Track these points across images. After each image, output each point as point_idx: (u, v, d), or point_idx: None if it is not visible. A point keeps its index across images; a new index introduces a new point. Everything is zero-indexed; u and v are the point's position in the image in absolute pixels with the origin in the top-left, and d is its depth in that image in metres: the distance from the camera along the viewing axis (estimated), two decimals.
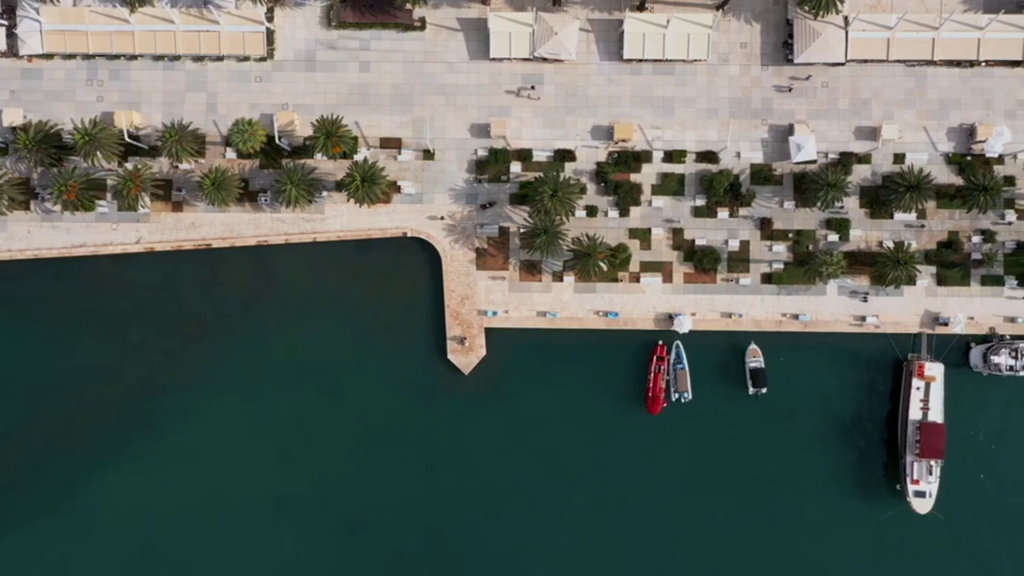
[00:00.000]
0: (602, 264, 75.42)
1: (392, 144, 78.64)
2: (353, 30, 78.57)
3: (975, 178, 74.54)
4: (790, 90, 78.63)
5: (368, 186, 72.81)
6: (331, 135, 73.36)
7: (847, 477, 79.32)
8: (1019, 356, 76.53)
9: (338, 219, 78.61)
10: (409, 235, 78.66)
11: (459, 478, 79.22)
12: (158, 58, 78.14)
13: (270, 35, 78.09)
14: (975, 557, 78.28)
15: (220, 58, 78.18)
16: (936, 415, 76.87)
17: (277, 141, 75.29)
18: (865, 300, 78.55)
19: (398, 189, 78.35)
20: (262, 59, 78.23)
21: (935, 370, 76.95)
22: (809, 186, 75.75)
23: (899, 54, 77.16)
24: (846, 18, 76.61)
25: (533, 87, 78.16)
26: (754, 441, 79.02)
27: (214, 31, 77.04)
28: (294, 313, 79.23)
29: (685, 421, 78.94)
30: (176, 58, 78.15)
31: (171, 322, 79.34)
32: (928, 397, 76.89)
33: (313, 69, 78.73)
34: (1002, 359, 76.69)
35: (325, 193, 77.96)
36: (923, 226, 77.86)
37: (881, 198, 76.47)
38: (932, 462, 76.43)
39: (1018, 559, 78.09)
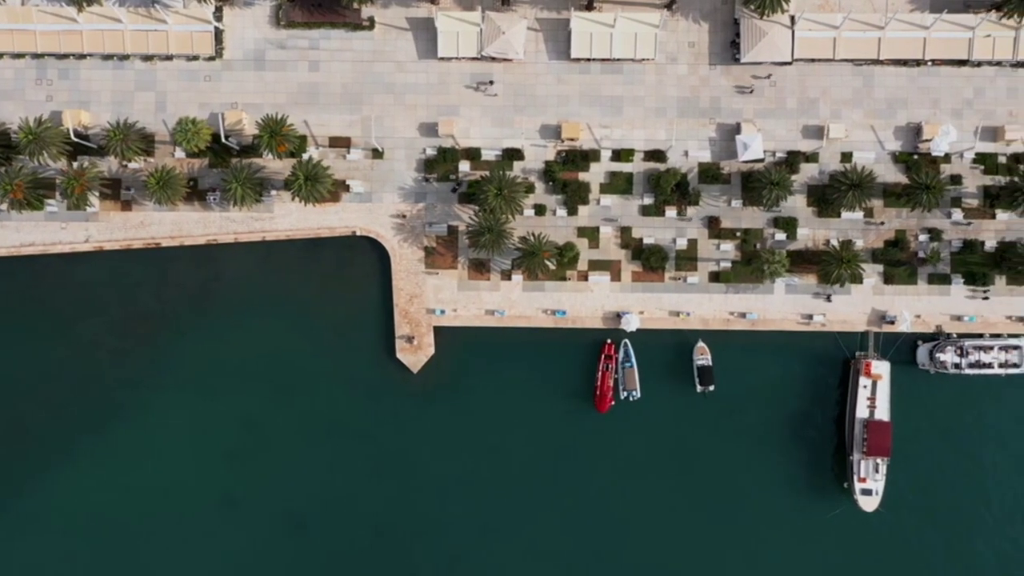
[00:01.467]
0: (548, 263, 75.62)
1: (341, 143, 78.80)
2: (302, 29, 78.70)
3: (919, 177, 74.75)
4: (751, 91, 78.82)
5: (312, 185, 72.93)
6: (276, 134, 73.47)
7: (795, 475, 79.59)
8: (965, 354, 76.81)
9: (287, 218, 78.74)
10: (358, 234, 78.81)
11: (408, 476, 79.42)
12: (107, 57, 78.22)
13: (219, 34, 78.20)
14: (921, 554, 78.59)
15: (169, 57, 78.27)
16: (883, 413, 77.13)
17: (224, 140, 75.35)
18: (829, 300, 78.76)
19: (347, 188, 78.53)
20: (211, 58, 78.31)
21: (881, 368, 77.21)
22: (755, 185, 75.96)
23: (846, 53, 77.38)
24: (792, 17, 76.81)
25: (492, 82, 78.28)
26: (702, 439, 79.26)
27: (162, 30, 77.10)
28: (243, 312, 79.44)
29: (633, 419, 79.14)
30: (125, 57, 78.23)
31: (120, 321, 79.50)
32: (875, 395, 77.14)
33: (262, 68, 78.86)
34: (948, 357, 76.96)
35: (274, 192, 78.08)
36: (882, 223, 78.07)
37: (827, 197, 76.67)
38: (878, 460, 76.69)
39: (963, 555, 78.38)
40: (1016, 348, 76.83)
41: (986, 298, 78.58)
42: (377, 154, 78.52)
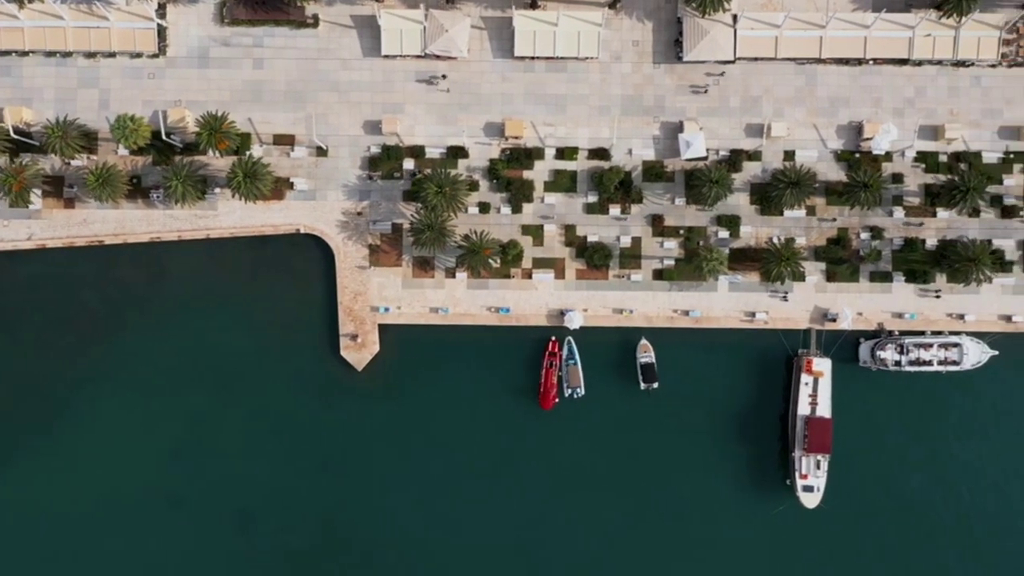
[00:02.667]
0: (491, 260, 75.79)
1: (285, 141, 78.72)
2: (246, 27, 78.58)
3: (857, 175, 75.18)
4: (706, 90, 79.08)
5: (251, 182, 72.87)
6: (216, 131, 73.36)
7: (740, 472, 79.91)
8: (905, 352, 77.31)
9: (231, 216, 78.63)
10: (302, 232, 78.77)
11: (353, 474, 79.43)
12: (50, 54, 77.95)
13: (162, 31, 78.01)
14: (862, 550, 79.02)
15: (112, 54, 78.04)
16: (824, 410, 77.51)
17: (164, 137, 75.18)
18: (785, 299, 79.13)
19: (291, 186, 78.48)
20: (155, 56, 78.15)
21: (823, 365, 77.63)
22: (696, 183, 76.26)
23: (788, 52, 77.75)
24: (735, 16, 77.16)
25: (444, 76, 78.22)
26: (647, 436, 79.52)
27: (104, 27, 76.93)
28: (188, 310, 79.25)
29: (577, 416, 79.36)
30: (68, 54, 77.97)
31: (64, 319, 79.18)
32: (816, 392, 77.52)
33: (206, 66, 78.72)
34: (888, 354, 77.43)
35: (218, 190, 77.92)
36: (835, 219, 78.36)
37: (768, 195, 77.02)
38: (819, 457, 77.11)
39: (903, 551, 78.88)
40: (956, 346, 77.31)
41: (938, 297, 79.05)
42: (321, 152, 78.49)
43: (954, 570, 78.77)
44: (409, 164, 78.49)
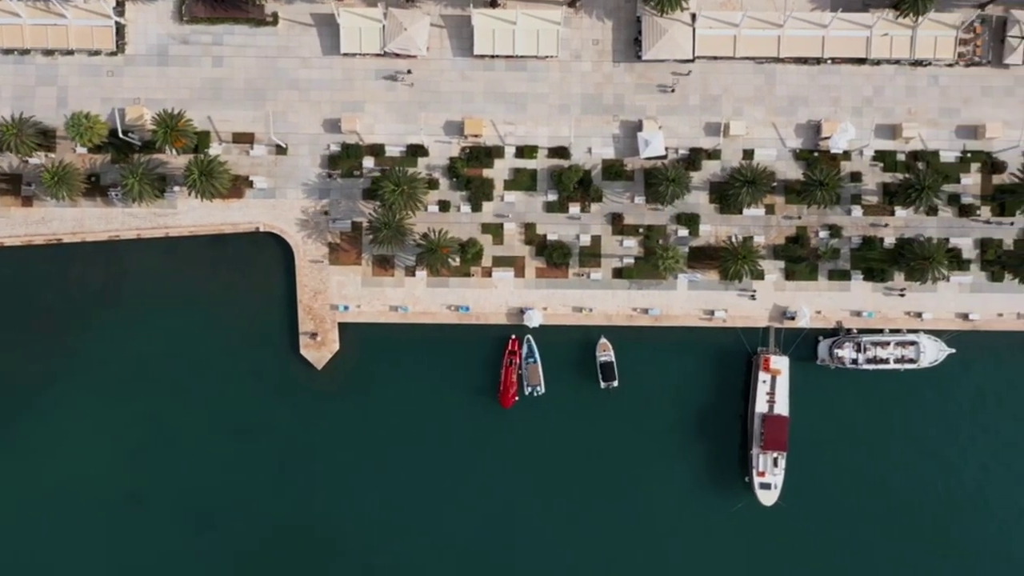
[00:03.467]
0: (449, 258, 75.88)
1: (245, 139, 78.55)
2: (205, 25, 78.39)
3: (814, 174, 75.48)
4: (673, 89, 79.22)
5: (206, 180, 72.75)
6: (171, 129, 73.20)
7: (699, 470, 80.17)
8: (862, 349, 77.69)
9: (190, 214, 78.46)
10: (262, 230, 78.67)
11: (313, 472, 79.38)
12: (7, 52, 77.63)
13: (121, 29, 77.77)
14: (819, 547, 79.43)
15: (70, 52, 77.80)
16: (782, 408, 77.86)
17: (121, 135, 74.95)
18: (753, 298, 79.40)
19: (251, 184, 78.36)
20: (113, 53, 77.91)
21: (780, 363, 77.96)
22: (654, 181, 76.42)
23: (746, 51, 77.97)
24: (693, 15, 77.33)
25: (409, 71, 78.13)
26: (606, 434, 79.68)
27: (62, 25, 76.66)
28: (147, 308, 79.00)
29: (537, 415, 79.50)
30: (25, 52, 77.67)
31: (22, 318, 78.87)
32: (774, 390, 77.85)
33: (165, 64, 78.50)
34: (846, 353, 77.78)
35: (177, 188, 77.74)
36: (799, 217, 78.63)
37: (726, 193, 77.27)
38: (776, 454, 77.45)
39: (859, 548, 79.29)
40: (913, 344, 77.74)
41: (902, 295, 79.41)
42: (281, 150, 78.38)
43: (910, 567, 79.20)
44: (369, 162, 78.49)
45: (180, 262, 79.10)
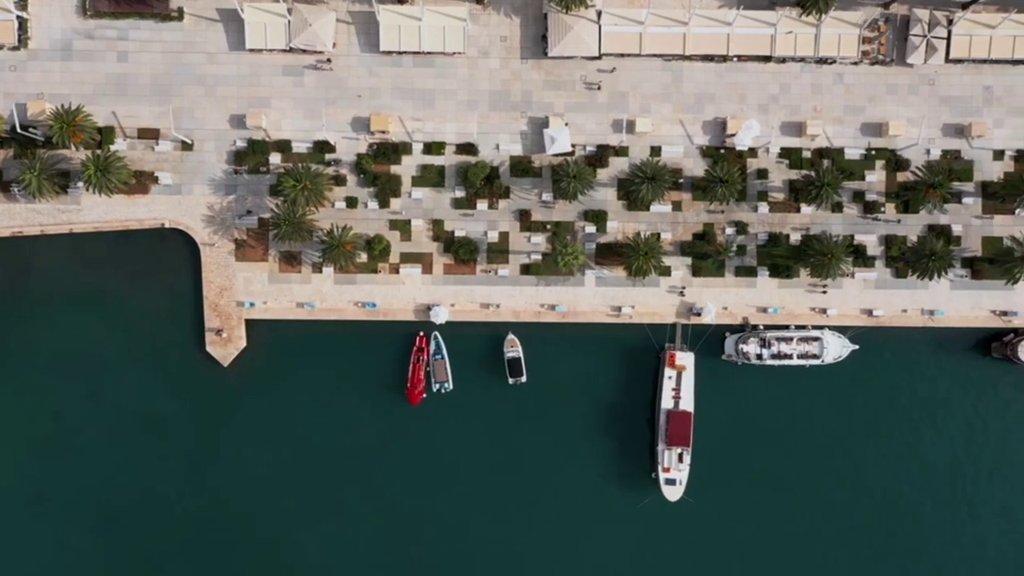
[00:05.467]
0: (354, 255, 75.80)
1: (150, 135, 78.02)
2: (110, 20, 77.70)
3: (714, 171, 75.88)
4: (599, 87, 79.30)
5: (103, 176, 72.25)
6: (69, 124, 72.64)
7: (608, 466, 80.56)
8: (767, 345, 78.22)
9: (94, 210, 77.92)
10: (167, 226, 78.24)
11: (220, 471, 79.21)
12: None
13: (24, 23, 77.01)
14: (724, 541, 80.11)
15: None
16: (687, 404, 78.34)
17: (20, 131, 74.26)
18: (682, 295, 79.68)
19: (156, 180, 77.93)
20: (15, 48, 77.20)
21: (686, 360, 78.40)
22: (558, 178, 76.58)
23: (652, 48, 78.14)
24: (599, 12, 77.49)
25: (329, 60, 77.78)
26: (515, 430, 79.94)
27: None
28: (51, 305, 78.59)
29: (445, 411, 79.62)
30: None
31: None
32: (679, 386, 78.36)
33: (70, 59, 77.78)
34: (751, 348, 78.33)
35: (80, 184, 77.12)
36: (720, 211, 78.74)
37: (630, 190, 77.61)
38: (681, 450, 77.86)
39: (764, 542, 80.00)
40: (816, 339, 78.34)
41: (824, 292, 79.93)
42: (187, 146, 77.96)
43: (813, 561, 79.92)
44: (276, 158, 78.19)
45: (85, 259, 78.68)
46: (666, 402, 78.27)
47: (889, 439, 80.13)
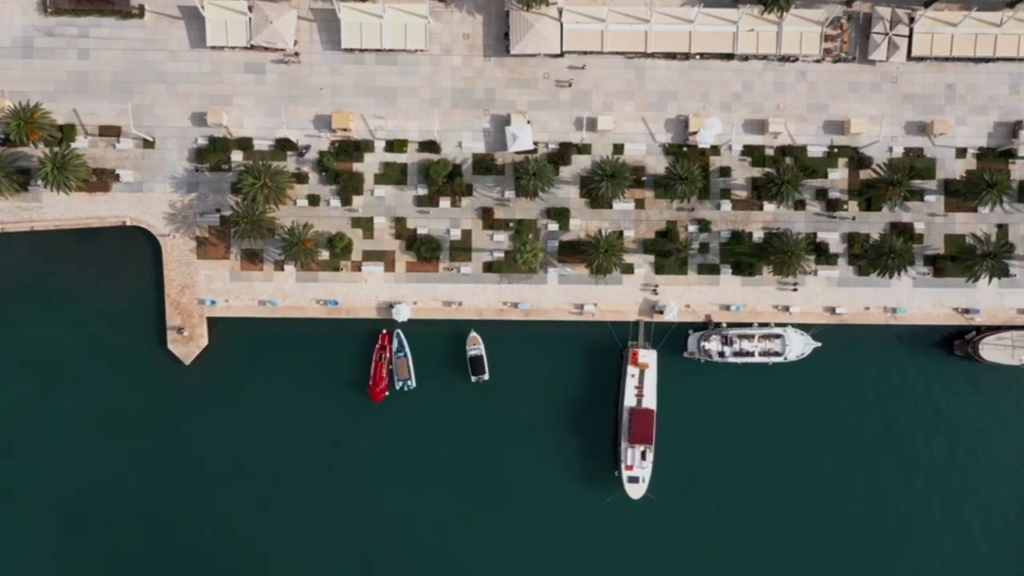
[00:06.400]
0: (315, 252, 75.70)
1: (112, 132, 77.83)
2: (71, 17, 77.44)
3: (675, 168, 75.88)
4: (569, 84, 79.22)
5: (60, 173, 72.03)
6: (26, 121, 72.44)
7: (571, 464, 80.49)
8: (729, 343, 78.21)
9: (56, 208, 77.65)
10: (129, 224, 78.03)
11: (182, 469, 78.99)
12: None
13: None
14: (687, 539, 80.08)
15: None
16: (650, 402, 78.29)
17: None
18: (655, 293, 79.65)
19: (117, 178, 77.73)
20: None
21: (648, 357, 78.38)
22: (518, 176, 76.52)
23: (614, 46, 78.03)
24: (560, 10, 77.41)
25: (296, 53, 77.60)
26: (478, 428, 79.83)
27: None
28: (13, 303, 78.30)
29: (408, 409, 79.52)
30: None
31: None
32: (642, 384, 78.29)
33: (30, 56, 77.45)
34: (713, 346, 78.31)
35: (40, 182, 76.85)
36: (693, 209, 78.76)
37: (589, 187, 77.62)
38: (643, 447, 77.82)
39: (727, 539, 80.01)
40: (778, 337, 78.33)
41: (795, 290, 79.96)
42: (148, 144, 77.77)
43: (775, 558, 79.94)
44: (238, 156, 78.05)
45: (47, 256, 78.47)
46: (629, 400, 78.22)
47: (851, 436, 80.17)
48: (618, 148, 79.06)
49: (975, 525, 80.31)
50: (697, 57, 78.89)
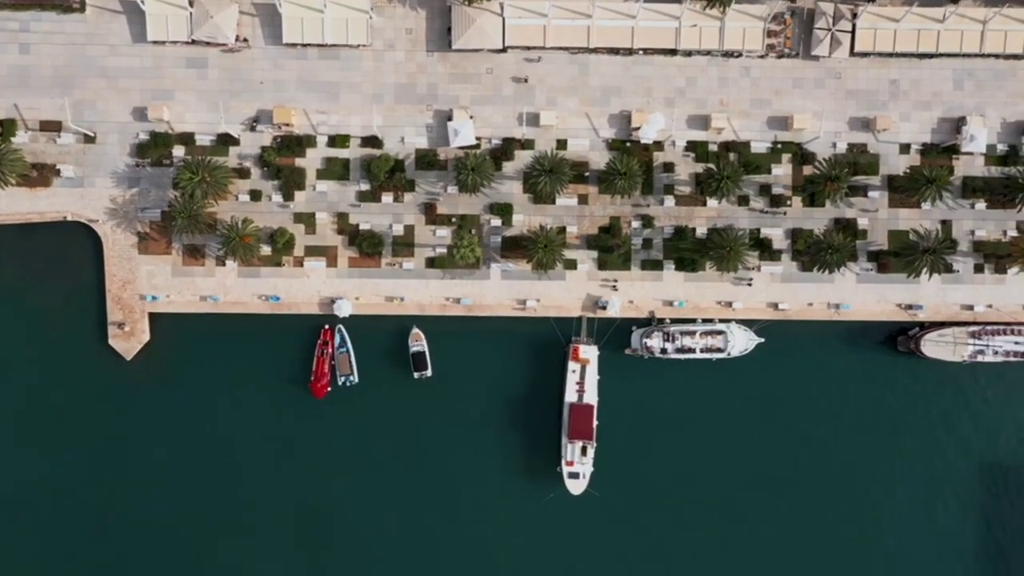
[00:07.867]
0: (253, 247, 75.54)
1: (52, 127, 77.56)
2: (11, 11, 77.09)
3: (614, 164, 75.74)
4: (526, 80, 79.04)
5: None
6: None
7: (514, 460, 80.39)
8: (671, 339, 78.11)
9: None
10: (69, 219, 77.83)
11: (123, 464, 78.76)
12: None
13: None
14: (629, 535, 79.97)
15: None
16: (590, 397, 78.21)
17: None
18: (615, 288, 79.42)
19: (58, 173, 77.51)
20: None
21: (589, 353, 78.30)
22: (458, 171, 76.39)
23: (556, 41, 77.81)
24: (502, 5, 77.19)
25: (246, 39, 77.36)
26: (420, 424, 79.71)
27: None
28: None
29: (350, 405, 79.42)
30: None
31: None
32: (583, 380, 78.20)
33: None
34: (655, 342, 78.20)
35: None
36: (649, 204, 78.64)
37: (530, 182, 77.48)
38: (583, 443, 77.73)
39: (667, 535, 79.96)
40: (721, 333, 78.23)
41: (750, 285, 79.85)
42: (89, 139, 77.55)
43: (715, 553, 79.92)
44: (180, 151, 77.82)
45: None
46: (570, 396, 78.15)
47: (793, 432, 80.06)
48: (562, 144, 78.91)
49: (918, 520, 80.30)
50: (640, 52, 78.74)
